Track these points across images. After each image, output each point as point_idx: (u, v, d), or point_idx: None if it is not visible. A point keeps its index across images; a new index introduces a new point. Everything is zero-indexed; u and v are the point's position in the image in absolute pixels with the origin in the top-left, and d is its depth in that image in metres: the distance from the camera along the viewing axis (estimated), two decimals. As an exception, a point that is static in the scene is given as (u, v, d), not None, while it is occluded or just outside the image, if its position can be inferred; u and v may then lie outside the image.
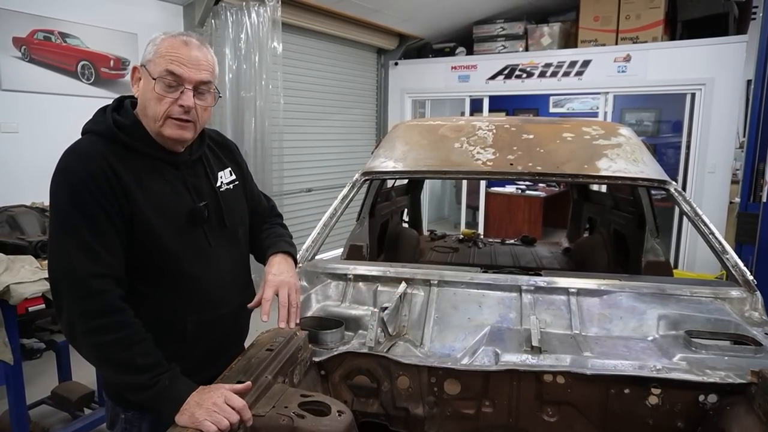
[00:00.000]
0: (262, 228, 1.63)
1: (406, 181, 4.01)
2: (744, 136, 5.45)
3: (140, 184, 1.24)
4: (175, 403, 1.14)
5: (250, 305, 1.43)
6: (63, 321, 1.20)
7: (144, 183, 1.25)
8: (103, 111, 1.32)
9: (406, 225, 4.12)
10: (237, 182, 1.49)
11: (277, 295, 1.38)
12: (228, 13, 4.62)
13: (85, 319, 1.16)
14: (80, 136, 1.31)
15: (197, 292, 1.33)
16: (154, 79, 1.23)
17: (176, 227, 1.29)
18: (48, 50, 3.75)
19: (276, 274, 1.42)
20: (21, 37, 3.59)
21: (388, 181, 3.31)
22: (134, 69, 1.29)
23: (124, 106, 1.33)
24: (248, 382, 1.24)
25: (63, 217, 1.19)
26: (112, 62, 4.15)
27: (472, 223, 7.55)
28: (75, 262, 1.16)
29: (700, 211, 2.04)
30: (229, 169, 1.48)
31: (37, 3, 3.65)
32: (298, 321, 1.40)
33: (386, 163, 2.34)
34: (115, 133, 1.25)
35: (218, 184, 1.42)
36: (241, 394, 1.19)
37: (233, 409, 1.12)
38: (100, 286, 1.17)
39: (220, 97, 1.37)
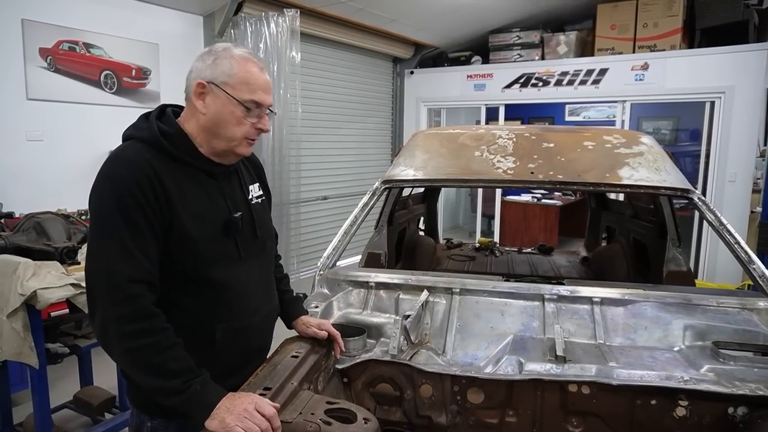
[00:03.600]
0: (276, 266, 1.66)
1: (422, 190, 4.01)
2: (765, 145, 5.39)
3: (181, 193, 1.26)
4: (206, 408, 1.15)
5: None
6: (97, 323, 1.21)
7: (184, 191, 1.27)
8: (145, 118, 1.33)
9: (422, 233, 4.13)
10: (263, 198, 1.53)
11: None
12: (247, 23, 4.68)
13: (120, 323, 1.17)
14: (122, 141, 1.33)
15: (227, 300, 1.35)
16: (240, 102, 1.27)
17: (212, 236, 1.31)
18: (72, 60, 3.83)
19: (310, 324, 1.61)
20: (47, 48, 3.68)
21: (405, 189, 3.32)
22: (200, 84, 1.28)
23: (166, 114, 1.35)
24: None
25: (106, 221, 1.20)
26: (133, 72, 4.23)
27: (487, 231, 7.53)
28: (114, 266, 1.17)
29: (724, 221, 2.02)
30: (258, 184, 1.52)
31: (63, 15, 3.74)
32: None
33: (406, 171, 2.35)
34: (160, 141, 1.27)
35: (250, 196, 1.45)
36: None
37: (263, 416, 1.13)
38: (136, 291, 1.18)
39: (275, 114, 1.40)
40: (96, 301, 1.20)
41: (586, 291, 1.87)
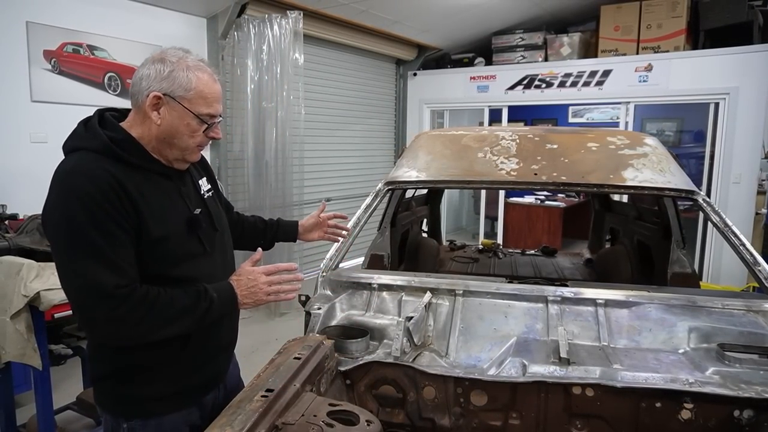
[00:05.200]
0: (245, 218, 1.83)
1: (425, 191, 4.01)
2: (770, 146, 5.36)
3: (143, 196, 1.26)
4: (232, 301, 1.35)
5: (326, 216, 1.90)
6: (102, 333, 1.26)
7: (146, 195, 1.27)
8: (85, 126, 1.31)
9: (425, 235, 4.12)
10: (212, 191, 1.54)
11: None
12: (251, 25, 4.69)
13: (130, 316, 1.21)
14: (65, 155, 1.31)
15: None
16: (197, 117, 1.29)
17: (178, 235, 1.33)
18: (76, 62, 3.85)
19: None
20: (51, 50, 3.69)
21: (408, 190, 3.31)
22: (156, 97, 1.27)
23: (107, 119, 1.32)
24: (259, 249, 1.49)
25: (80, 238, 1.19)
26: (137, 74, 4.24)
27: (490, 233, 7.51)
28: (100, 279, 1.18)
29: (729, 222, 2.01)
30: (205, 178, 1.53)
31: (67, 17, 3.76)
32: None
33: (409, 172, 2.35)
34: (112, 149, 1.25)
35: (201, 191, 1.48)
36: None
37: (271, 274, 1.38)
38: (128, 291, 1.21)
39: (222, 119, 1.42)
40: (91, 314, 1.22)
41: (589, 293, 1.86)
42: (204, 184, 1.50)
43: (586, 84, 6.01)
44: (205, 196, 1.47)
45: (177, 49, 1.33)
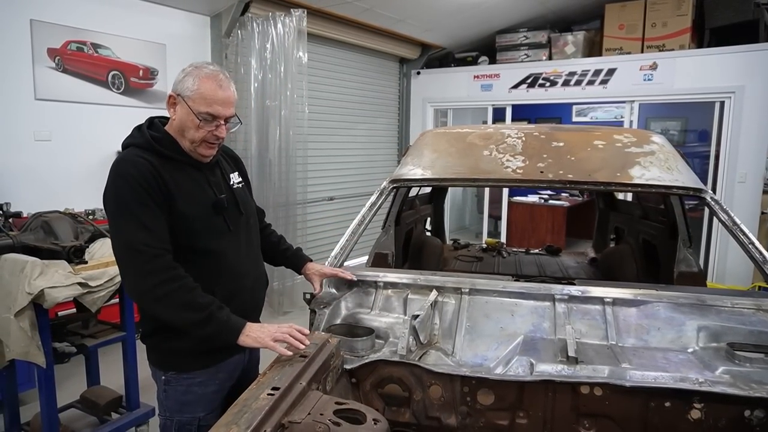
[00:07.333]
0: (270, 233, 1.99)
1: (429, 190, 3.99)
2: (776, 145, 5.33)
3: (175, 182, 1.54)
4: (235, 332, 1.48)
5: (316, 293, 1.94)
6: (131, 286, 1.49)
7: (178, 181, 1.55)
8: (138, 129, 1.62)
9: (428, 234, 4.10)
10: (243, 184, 1.81)
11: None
12: (254, 24, 4.68)
13: (151, 276, 1.44)
14: (122, 150, 1.60)
15: (222, 266, 1.61)
16: (195, 114, 1.53)
17: (204, 214, 1.59)
18: (80, 60, 3.85)
19: (317, 268, 1.96)
20: (55, 48, 3.69)
21: (412, 189, 3.30)
22: (171, 96, 1.58)
23: (155, 123, 1.64)
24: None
25: (122, 207, 1.47)
26: (141, 72, 4.24)
27: (494, 232, 7.49)
28: (134, 237, 1.44)
29: (738, 220, 1.99)
30: (237, 173, 1.79)
31: (71, 15, 3.76)
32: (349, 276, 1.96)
33: (414, 170, 2.33)
34: (153, 145, 1.56)
35: (231, 182, 1.73)
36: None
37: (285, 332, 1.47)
38: (156, 252, 1.45)
39: (241, 123, 1.68)
40: (126, 268, 1.48)
41: (597, 291, 1.84)
42: (235, 177, 1.76)
43: (591, 83, 5.99)
44: (234, 187, 1.73)
45: (204, 62, 1.61)
